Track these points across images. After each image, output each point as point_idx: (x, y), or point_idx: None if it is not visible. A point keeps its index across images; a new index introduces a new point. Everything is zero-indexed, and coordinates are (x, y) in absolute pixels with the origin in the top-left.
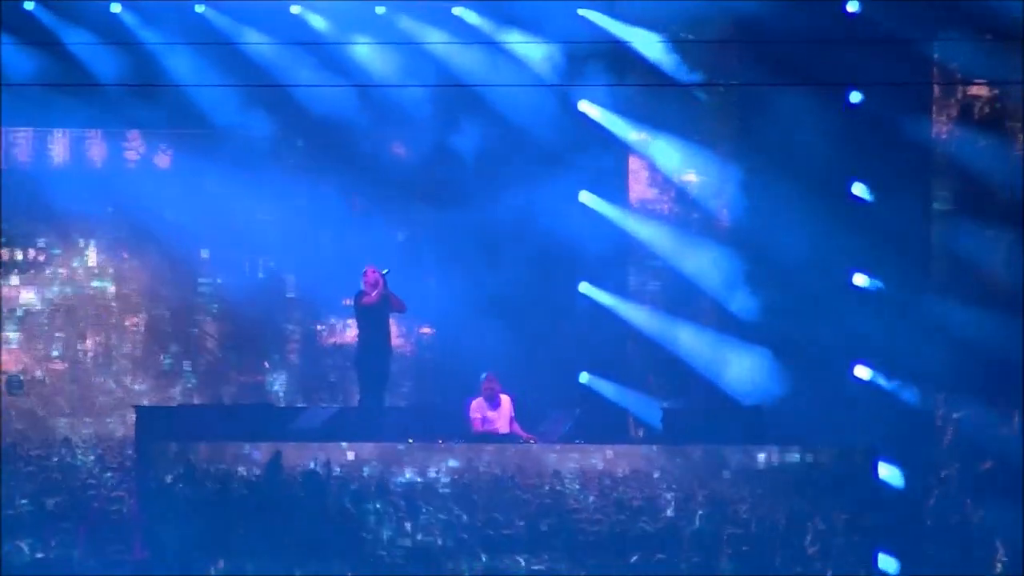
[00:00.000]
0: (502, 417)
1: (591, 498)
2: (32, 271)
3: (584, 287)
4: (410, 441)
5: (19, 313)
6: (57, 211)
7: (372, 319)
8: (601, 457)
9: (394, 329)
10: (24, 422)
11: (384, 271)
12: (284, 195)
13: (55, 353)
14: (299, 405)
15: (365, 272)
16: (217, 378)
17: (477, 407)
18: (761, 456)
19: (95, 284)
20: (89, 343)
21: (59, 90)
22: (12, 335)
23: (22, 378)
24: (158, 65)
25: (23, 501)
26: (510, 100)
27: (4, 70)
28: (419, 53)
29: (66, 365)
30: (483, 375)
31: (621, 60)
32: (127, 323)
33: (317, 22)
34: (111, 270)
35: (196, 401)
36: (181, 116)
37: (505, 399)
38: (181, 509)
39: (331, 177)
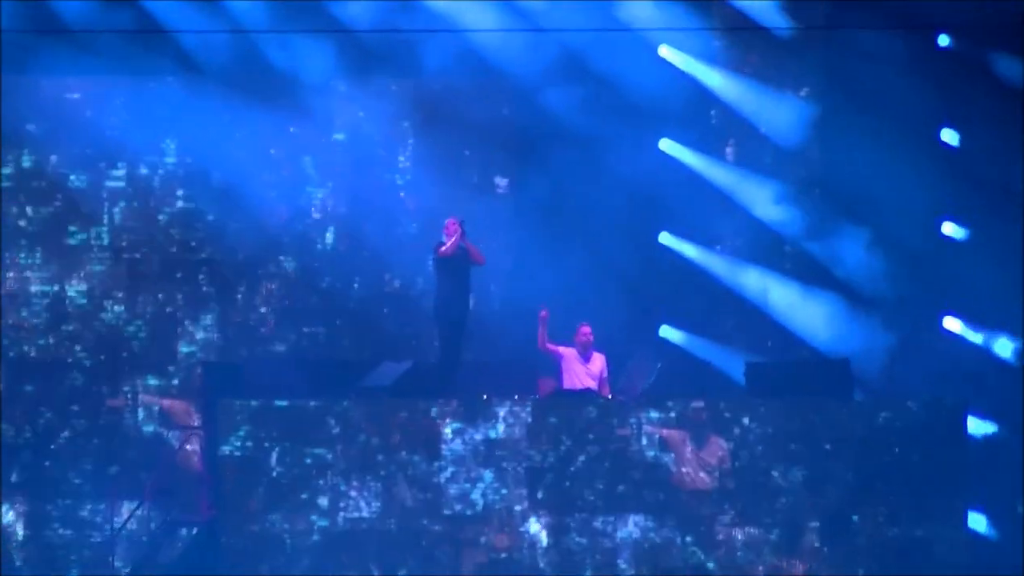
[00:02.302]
0: (594, 374)
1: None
2: None
3: (665, 237)
4: (484, 397)
5: None
6: None
7: (450, 271)
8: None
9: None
10: None
11: (461, 221)
12: (364, 143)
13: None
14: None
15: (446, 224)
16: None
17: (565, 354)
18: (848, 410)
19: None
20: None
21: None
22: None
23: None
24: None
25: None
26: (591, 46)
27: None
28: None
29: None
30: (580, 324)
31: (704, 3)
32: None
33: None
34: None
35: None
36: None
37: (599, 356)
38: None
39: (410, 127)
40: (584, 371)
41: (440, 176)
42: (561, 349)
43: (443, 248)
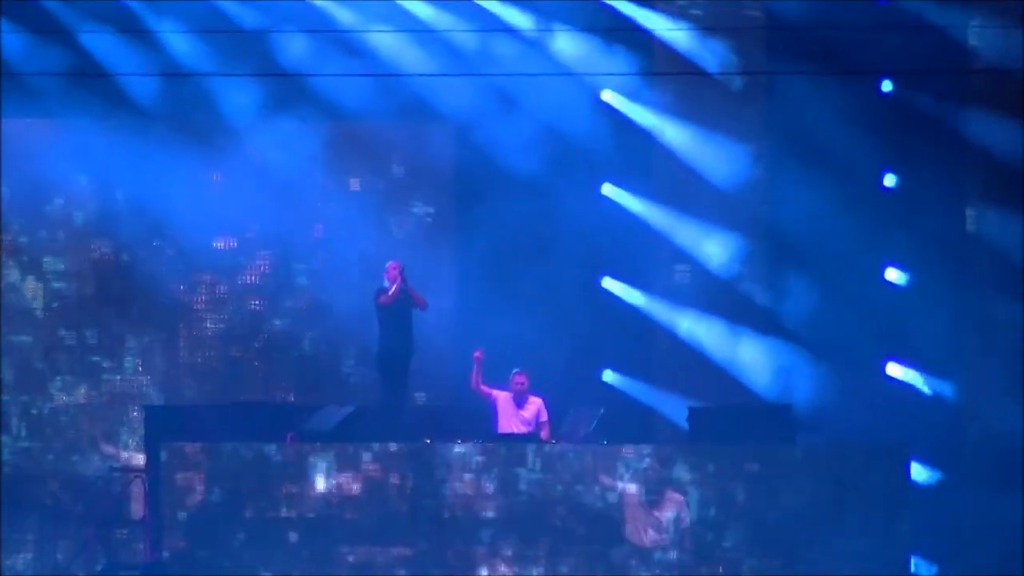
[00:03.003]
0: (527, 419)
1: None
2: None
3: (607, 282)
4: (428, 441)
5: None
6: None
7: (392, 314)
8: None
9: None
10: None
11: (401, 268)
12: (308, 189)
13: None
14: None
15: (387, 268)
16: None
17: (499, 398)
18: (791, 454)
19: None
20: None
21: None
22: None
23: None
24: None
25: None
26: (532, 89)
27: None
28: (441, 43)
29: None
30: (514, 370)
31: (646, 48)
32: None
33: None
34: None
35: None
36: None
37: (535, 400)
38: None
39: (352, 167)
40: (517, 416)
41: (379, 216)
42: (495, 392)
43: (383, 298)
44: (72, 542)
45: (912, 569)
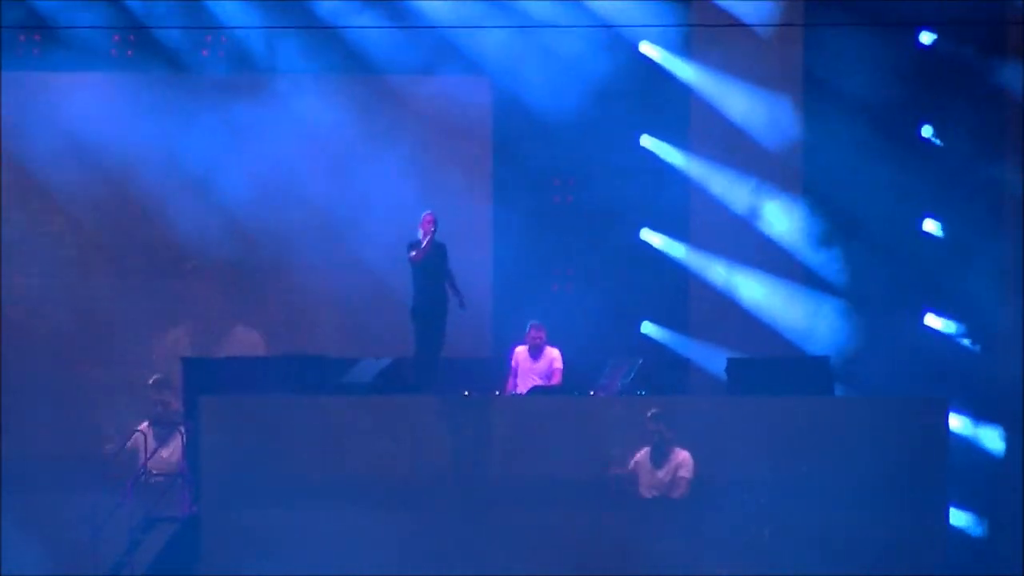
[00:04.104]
0: (542, 371)
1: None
2: None
3: (646, 234)
4: (466, 393)
5: None
6: None
7: (426, 268)
8: None
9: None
10: None
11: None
12: (338, 139)
13: None
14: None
15: (422, 218)
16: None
17: (518, 355)
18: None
19: None
20: None
21: None
22: None
23: None
24: None
25: None
26: (570, 43)
27: None
28: None
29: None
30: (530, 323)
31: (684, 1)
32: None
33: None
34: None
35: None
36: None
37: (551, 352)
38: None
39: (386, 120)
40: (532, 371)
41: (419, 173)
42: (516, 350)
43: (415, 253)
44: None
45: (950, 519)
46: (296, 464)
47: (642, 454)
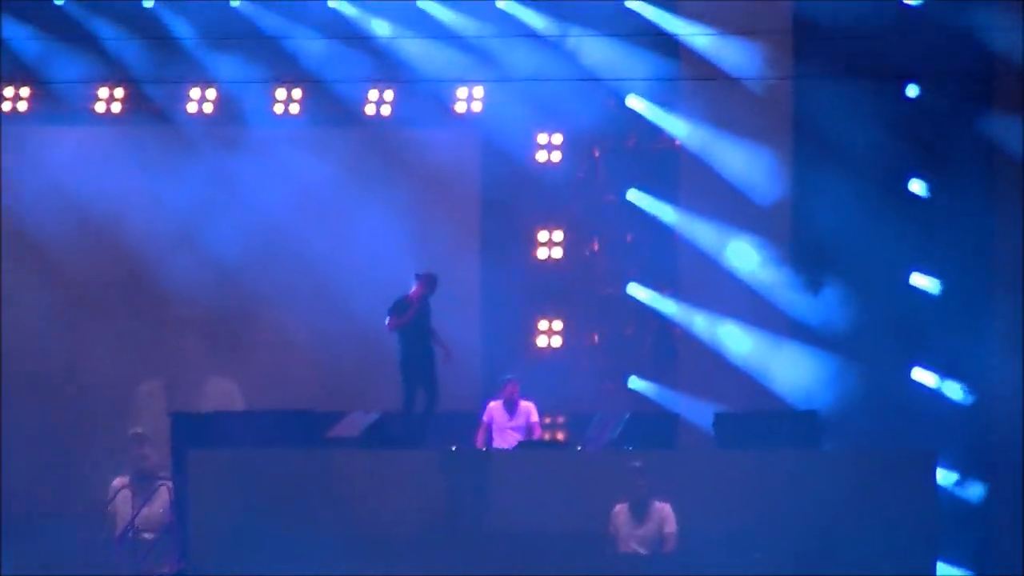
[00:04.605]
0: (519, 426)
1: None
2: None
3: (633, 288)
4: (454, 448)
5: None
6: None
7: (413, 324)
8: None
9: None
10: None
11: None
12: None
13: None
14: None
15: (426, 278)
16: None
17: (492, 411)
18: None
19: None
20: None
21: None
22: None
23: None
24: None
25: None
26: (558, 94)
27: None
28: (464, 46)
29: None
30: (505, 378)
31: (671, 53)
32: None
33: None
34: None
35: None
36: None
37: (526, 405)
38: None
39: (369, 175)
40: (508, 427)
41: (407, 225)
42: (490, 405)
43: (392, 321)
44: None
45: (938, 573)
46: (285, 518)
47: (619, 509)
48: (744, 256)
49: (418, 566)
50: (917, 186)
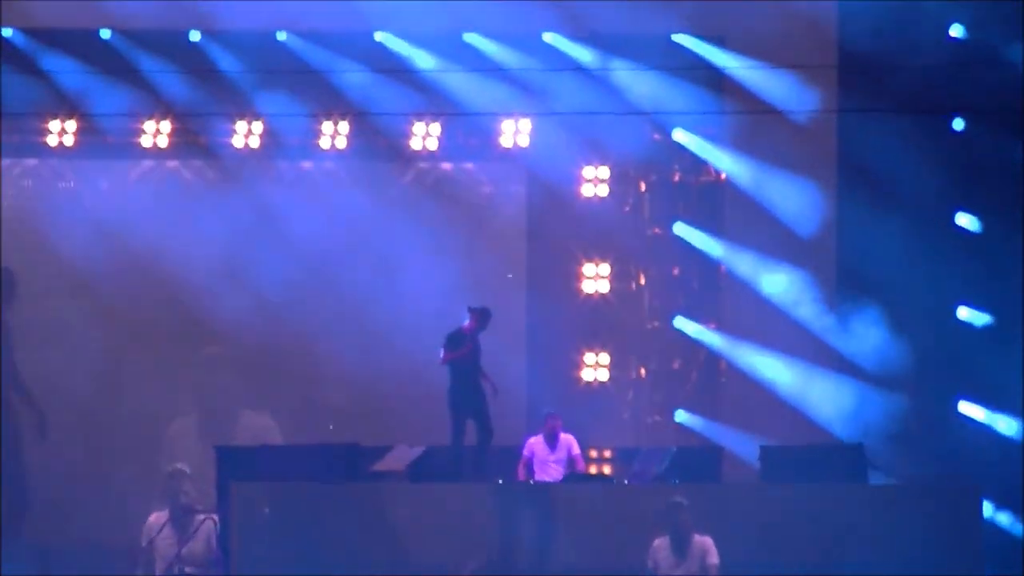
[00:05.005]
0: (560, 459)
1: None
2: None
3: (679, 321)
4: (499, 481)
5: None
6: None
7: (465, 357)
8: None
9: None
10: None
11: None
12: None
13: None
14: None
15: (480, 313)
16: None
17: (533, 446)
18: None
19: None
20: None
21: None
22: None
23: None
24: None
25: None
26: (604, 128)
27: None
28: (510, 80)
29: None
30: (546, 412)
31: (717, 87)
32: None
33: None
34: None
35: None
36: None
37: (567, 438)
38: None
39: (414, 208)
40: (549, 461)
41: (452, 258)
42: (530, 441)
43: (446, 356)
44: None
45: None
46: (329, 552)
47: (659, 543)
48: (783, 288)
49: None
50: (964, 219)
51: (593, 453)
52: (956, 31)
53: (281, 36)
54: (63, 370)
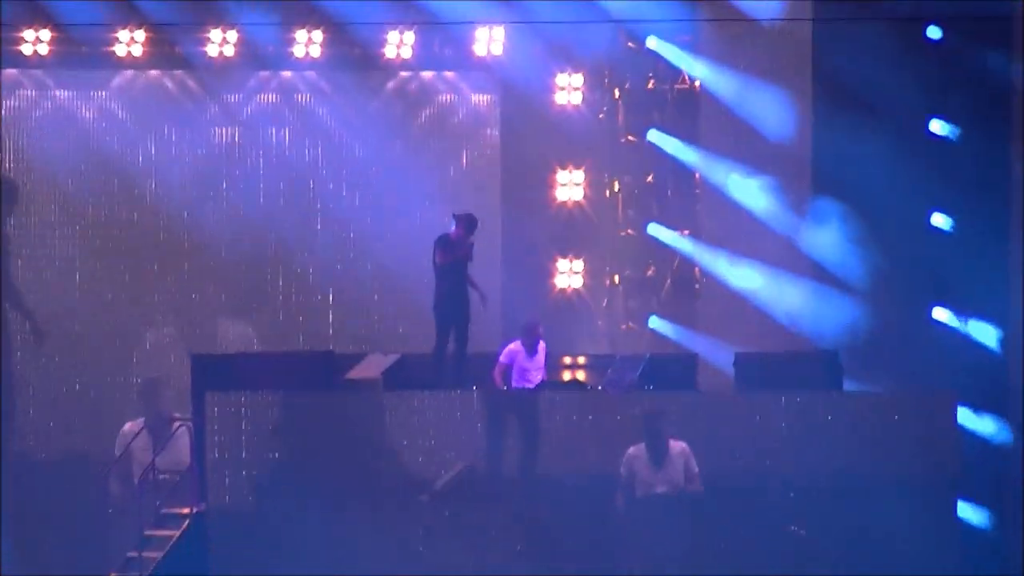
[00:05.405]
0: (538, 367)
1: None
2: None
3: (652, 228)
4: (475, 389)
5: None
6: None
7: (454, 266)
8: None
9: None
10: None
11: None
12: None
13: None
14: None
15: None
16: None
17: (512, 352)
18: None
19: None
20: None
21: None
22: None
23: None
24: None
25: None
26: (578, 36)
27: None
28: None
29: None
30: (531, 319)
31: None
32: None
33: None
34: None
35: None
36: None
37: (543, 348)
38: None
39: (388, 118)
40: (529, 366)
41: (426, 167)
42: (510, 347)
43: (442, 256)
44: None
45: (958, 513)
46: (304, 460)
47: (635, 451)
48: (756, 195)
49: (436, 508)
50: (937, 127)
51: (567, 360)
52: None
53: None
54: (39, 281)
